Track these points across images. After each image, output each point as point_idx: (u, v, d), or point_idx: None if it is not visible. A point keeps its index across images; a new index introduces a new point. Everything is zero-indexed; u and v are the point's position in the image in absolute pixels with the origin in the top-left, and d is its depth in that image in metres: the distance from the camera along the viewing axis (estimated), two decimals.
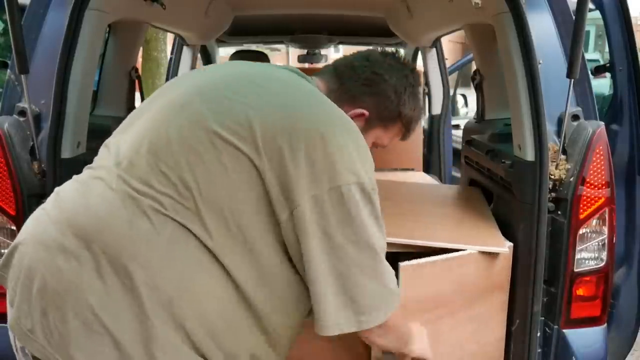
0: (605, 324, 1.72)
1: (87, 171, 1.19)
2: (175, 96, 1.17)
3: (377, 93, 1.31)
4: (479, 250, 1.61)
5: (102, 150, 1.21)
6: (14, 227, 1.60)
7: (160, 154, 1.07)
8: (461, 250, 1.59)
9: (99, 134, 1.57)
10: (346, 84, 1.30)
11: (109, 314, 1.00)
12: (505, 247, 1.63)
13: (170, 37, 5.21)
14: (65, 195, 1.14)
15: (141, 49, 2.83)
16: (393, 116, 1.35)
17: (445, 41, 3.79)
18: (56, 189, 1.18)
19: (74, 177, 1.19)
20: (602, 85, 2.99)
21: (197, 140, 1.07)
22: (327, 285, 1.06)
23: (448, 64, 3.80)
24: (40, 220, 1.12)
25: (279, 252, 1.09)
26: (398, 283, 1.25)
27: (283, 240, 1.08)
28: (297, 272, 1.12)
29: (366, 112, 1.31)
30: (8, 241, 1.60)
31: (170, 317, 1.01)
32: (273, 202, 1.05)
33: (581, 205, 1.60)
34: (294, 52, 7.07)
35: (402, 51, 4.10)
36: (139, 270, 1.01)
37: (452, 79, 4.16)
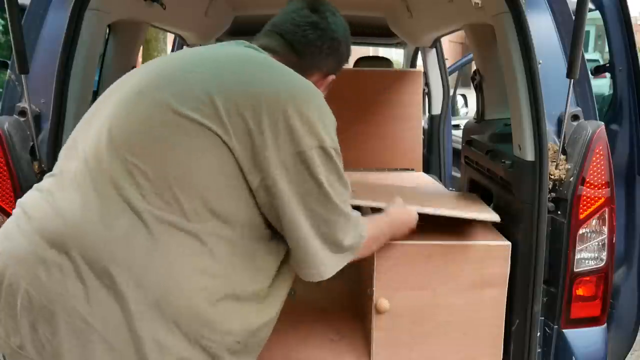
0: (605, 324, 1.72)
1: (49, 179, 1.15)
2: (130, 87, 1.15)
3: (337, 55, 1.36)
4: (478, 244, 1.63)
5: (63, 154, 1.17)
6: None
7: (127, 146, 1.05)
8: (468, 219, 1.65)
9: None
10: (308, 58, 1.31)
11: (98, 319, 0.99)
12: (505, 241, 1.64)
13: (170, 37, 5.22)
14: (32, 206, 1.09)
15: (141, 49, 2.83)
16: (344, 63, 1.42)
17: (445, 41, 3.79)
18: (19, 202, 1.14)
19: (35, 186, 1.15)
20: (602, 85, 2.99)
21: (161, 125, 1.05)
22: (313, 238, 1.14)
23: (448, 64, 3.80)
24: (10, 234, 1.08)
25: (252, 219, 1.11)
26: None
27: (255, 205, 1.10)
28: (266, 238, 1.16)
29: (333, 75, 1.37)
30: None
31: (160, 315, 1.00)
32: (245, 173, 1.07)
33: (581, 205, 1.60)
34: None
35: None
36: (121, 273, 0.99)
37: (452, 79, 4.16)
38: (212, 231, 1.05)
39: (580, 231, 1.61)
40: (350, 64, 4.17)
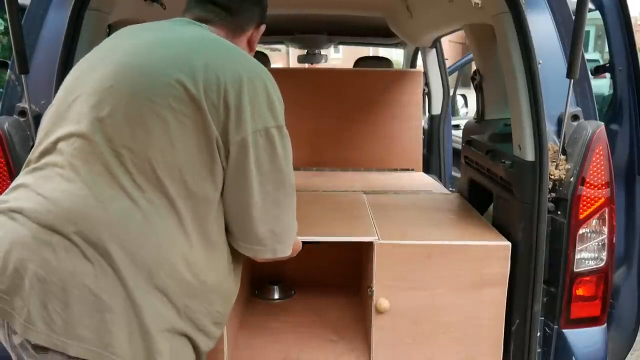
0: (605, 324, 1.72)
1: (34, 173, 1.16)
2: (100, 80, 1.16)
3: (261, 4, 1.41)
4: (478, 244, 1.64)
5: (43, 147, 1.19)
6: None
7: (114, 137, 1.11)
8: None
9: None
10: (241, 14, 1.36)
11: (105, 292, 1.07)
12: (505, 241, 1.64)
13: None
14: (21, 200, 1.13)
15: None
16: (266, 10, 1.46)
17: (445, 41, 3.79)
18: (3, 198, 1.16)
19: (18, 182, 1.17)
20: (602, 85, 2.99)
21: (141, 115, 1.11)
22: (261, 217, 1.20)
23: (448, 64, 3.80)
24: (4, 226, 1.11)
25: (217, 195, 1.18)
26: None
27: (219, 181, 1.17)
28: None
29: (264, 25, 1.43)
30: None
31: (153, 287, 1.10)
32: (219, 150, 1.14)
33: (581, 206, 1.60)
34: (294, 52, 7.08)
35: None
36: (118, 250, 1.08)
37: (452, 79, 4.16)
38: (191, 210, 1.14)
39: (580, 231, 1.61)
40: (350, 64, 4.17)
